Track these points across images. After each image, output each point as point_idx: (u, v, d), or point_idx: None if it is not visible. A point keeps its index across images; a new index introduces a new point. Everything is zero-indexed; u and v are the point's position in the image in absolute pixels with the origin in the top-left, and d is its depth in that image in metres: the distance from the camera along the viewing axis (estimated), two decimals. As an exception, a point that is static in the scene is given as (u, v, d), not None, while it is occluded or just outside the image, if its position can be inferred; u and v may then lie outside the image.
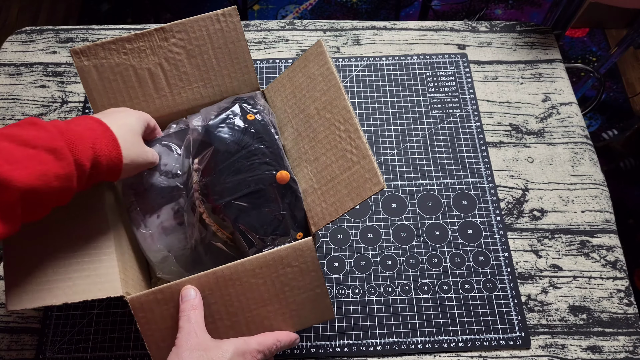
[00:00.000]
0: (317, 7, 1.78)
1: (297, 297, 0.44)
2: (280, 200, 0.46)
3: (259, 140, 0.47)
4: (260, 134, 0.47)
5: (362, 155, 0.43)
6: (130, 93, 0.51)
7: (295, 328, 0.46)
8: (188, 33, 0.51)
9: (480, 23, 0.77)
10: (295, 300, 0.44)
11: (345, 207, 0.43)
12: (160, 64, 0.51)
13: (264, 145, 0.47)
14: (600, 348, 0.54)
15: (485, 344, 0.54)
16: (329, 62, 0.48)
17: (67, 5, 1.80)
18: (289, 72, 0.52)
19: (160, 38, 0.50)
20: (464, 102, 0.70)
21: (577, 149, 0.66)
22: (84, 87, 0.50)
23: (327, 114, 0.47)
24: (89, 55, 0.49)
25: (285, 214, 0.46)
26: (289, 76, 0.52)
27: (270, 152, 0.47)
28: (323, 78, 0.48)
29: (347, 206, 0.43)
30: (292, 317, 0.45)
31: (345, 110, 0.45)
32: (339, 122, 0.45)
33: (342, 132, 0.45)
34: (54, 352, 0.54)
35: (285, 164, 0.47)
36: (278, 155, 0.47)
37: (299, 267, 0.44)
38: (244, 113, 0.48)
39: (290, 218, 0.46)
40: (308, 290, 0.44)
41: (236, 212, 0.45)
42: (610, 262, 0.59)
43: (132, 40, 0.50)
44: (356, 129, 0.44)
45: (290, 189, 0.46)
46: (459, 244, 0.60)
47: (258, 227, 0.45)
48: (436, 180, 0.64)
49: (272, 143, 0.47)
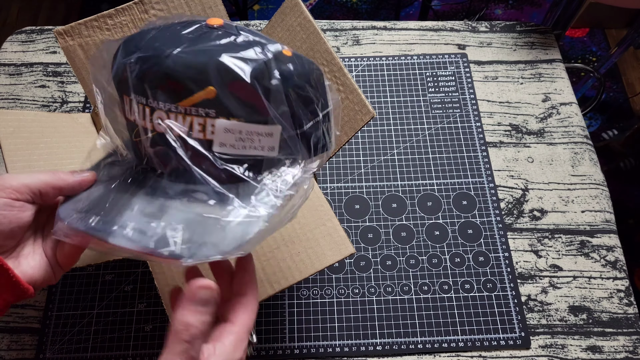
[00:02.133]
0: (317, 7, 1.78)
1: (309, 234, 0.44)
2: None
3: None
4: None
5: (349, 90, 0.46)
6: None
7: (315, 269, 0.45)
8: (167, 3, 0.52)
9: (480, 23, 0.77)
10: (307, 237, 0.44)
11: (340, 142, 0.46)
12: None
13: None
14: (600, 348, 0.54)
15: (485, 344, 0.54)
16: (305, 11, 0.50)
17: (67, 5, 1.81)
18: (268, 29, 0.54)
19: (140, 11, 0.51)
20: (464, 102, 0.70)
21: (577, 149, 0.66)
22: (72, 67, 0.51)
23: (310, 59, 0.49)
24: (72, 35, 0.50)
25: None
26: (268, 32, 0.54)
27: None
28: (301, 28, 0.50)
29: (342, 140, 0.45)
30: (310, 257, 0.45)
31: (327, 52, 0.48)
32: (323, 65, 0.48)
33: (327, 72, 0.48)
34: (54, 352, 0.54)
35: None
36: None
37: (305, 205, 0.43)
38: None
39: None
40: (319, 225, 0.45)
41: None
42: (610, 262, 0.59)
43: (113, 15, 0.51)
44: (340, 67, 0.47)
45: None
46: (459, 244, 0.60)
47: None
48: (436, 180, 0.64)
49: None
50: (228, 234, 0.33)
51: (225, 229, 0.33)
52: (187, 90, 0.32)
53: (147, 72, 0.32)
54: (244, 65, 0.33)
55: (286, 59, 0.35)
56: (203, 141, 0.33)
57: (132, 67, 0.33)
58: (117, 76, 0.35)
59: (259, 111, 0.34)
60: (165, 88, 0.32)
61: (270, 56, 0.34)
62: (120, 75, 0.34)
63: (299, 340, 0.55)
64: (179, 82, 0.32)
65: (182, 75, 0.32)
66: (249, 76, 0.32)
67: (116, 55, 0.36)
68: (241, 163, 0.35)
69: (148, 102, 0.33)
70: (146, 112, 0.33)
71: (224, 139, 0.34)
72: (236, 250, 0.32)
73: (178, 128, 0.33)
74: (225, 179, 0.35)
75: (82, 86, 0.52)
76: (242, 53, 0.33)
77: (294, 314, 0.56)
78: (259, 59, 0.33)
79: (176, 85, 0.32)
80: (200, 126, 0.33)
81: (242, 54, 0.33)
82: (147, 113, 0.33)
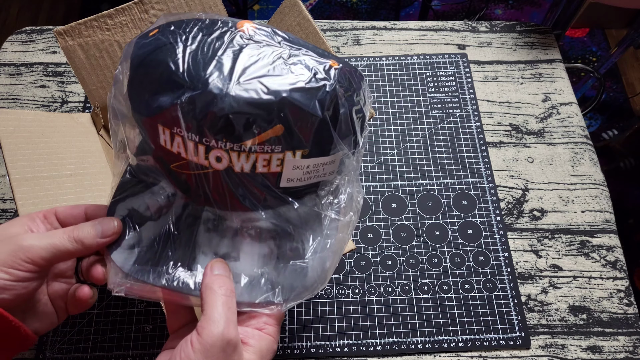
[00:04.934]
0: (317, 7, 1.78)
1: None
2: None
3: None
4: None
5: None
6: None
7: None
8: (166, 3, 0.52)
9: (480, 23, 0.77)
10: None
11: None
12: None
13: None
14: (600, 348, 0.54)
15: (485, 344, 0.54)
16: (304, 11, 0.49)
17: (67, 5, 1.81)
18: None
19: (140, 11, 0.51)
20: (464, 102, 0.70)
21: (577, 149, 0.66)
22: (72, 66, 0.51)
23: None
24: (72, 35, 0.50)
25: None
26: None
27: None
28: (301, 27, 0.50)
29: None
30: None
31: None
32: None
33: None
34: (54, 352, 0.54)
35: None
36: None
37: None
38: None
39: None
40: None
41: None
42: (610, 262, 0.59)
43: (113, 15, 0.51)
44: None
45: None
46: (459, 244, 0.60)
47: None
48: (436, 180, 0.64)
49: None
50: (310, 273, 0.34)
51: (308, 269, 0.34)
52: (252, 131, 0.30)
53: (206, 115, 0.29)
54: (311, 98, 0.30)
55: (341, 75, 0.33)
56: (267, 175, 0.32)
57: (185, 107, 0.29)
58: (153, 109, 0.31)
59: (327, 141, 0.33)
60: (227, 129, 0.29)
61: (332, 81, 0.32)
62: (161, 109, 0.31)
63: (299, 340, 0.55)
64: (243, 124, 0.29)
65: (246, 117, 0.29)
66: (319, 110, 0.31)
67: (135, 75, 0.32)
68: (303, 192, 0.34)
69: (204, 141, 0.30)
70: (199, 149, 0.30)
71: (291, 174, 0.32)
72: (320, 284, 0.34)
73: (240, 167, 0.31)
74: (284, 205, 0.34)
75: (82, 86, 0.52)
76: (302, 80, 0.31)
77: (294, 314, 0.56)
78: (322, 87, 0.31)
79: (239, 127, 0.29)
80: (265, 161, 0.31)
81: (304, 82, 0.31)
82: (201, 150, 0.30)
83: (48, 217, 0.34)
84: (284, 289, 0.33)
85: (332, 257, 0.35)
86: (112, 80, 0.51)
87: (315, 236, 0.35)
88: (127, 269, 0.32)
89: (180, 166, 0.32)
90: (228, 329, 0.29)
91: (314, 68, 0.32)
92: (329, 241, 0.35)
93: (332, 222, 0.35)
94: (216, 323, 0.29)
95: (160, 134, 0.31)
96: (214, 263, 0.32)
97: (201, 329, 0.29)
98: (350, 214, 0.36)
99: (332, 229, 0.35)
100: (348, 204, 0.36)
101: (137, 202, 0.35)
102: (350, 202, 0.36)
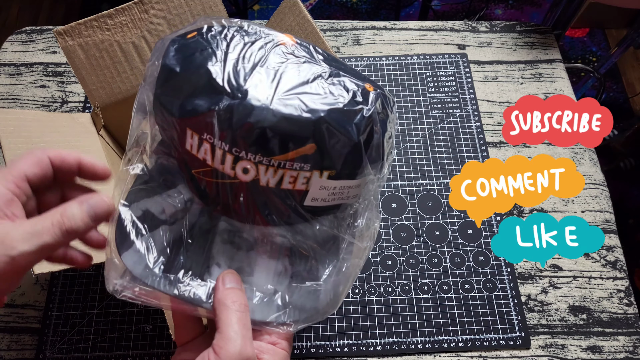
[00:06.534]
0: (317, 7, 1.78)
1: None
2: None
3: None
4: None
5: None
6: (117, 68, 0.52)
7: None
8: (166, 3, 0.52)
9: (480, 23, 0.77)
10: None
11: None
12: (144, 37, 0.52)
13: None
14: (600, 348, 0.54)
15: (485, 344, 0.54)
16: (304, 11, 0.50)
17: (67, 5, 1.80)
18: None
19: (140, 10, 0.51)
20: (464, 102, 0.70)
21: (577, 149, 0.66)
22: (72, 66, 0.51)
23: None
24: (72, 35, 0.50)
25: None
26: None
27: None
28: (300, 27, 0.50)
29: None
30: None
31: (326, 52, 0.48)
32: None
33: None
34: (54, 352, 0.54)
35: None
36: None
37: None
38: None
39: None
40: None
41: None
42: (610, 262, 0.59)
43: (112, 15, 0.51)
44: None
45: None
46: (459, 244, 0.60)
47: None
48: (436, 180, 0.64)
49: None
50: (323, 296, 0.33)
51: (321, 292, 0.33)
52: (285, 146, 0.29)
53: (242, 125, 0.29)
54: (348, 121, 0.30)
55: (375, 98, 0.32)
56: (293, 192, 0.31)
57: (222, 115, 0.29)
58: (187, 112, 0.30)
59: (356, 165, 0.32)
60: (260, 142, 0.29)
61: (369, 106, 0.31)
62: (196, 113, 0.30)
63: (299, 340, 0.55)
64: (278, 138, 0.29)
65: (282, 132, 0.29)
66: (355, 134, 0.30)
67: (171, 74, 0.31)
68: (324, 212, 0.34)
69: (234, 151, 0.29)
70: (227, 158, 0.30)
71: (317, 194, 0.32)
72: (331, 308, 0.33)
73: (266, 181, 0.30)
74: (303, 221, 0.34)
75: (82, 86, 0.52)
76: (341, 101, 0.30)
77: (294, 314, 0.56)
78: (360, 111, 0.31)
79: (274, 141, 0.29)
80: (292, 178, 0.30)
81: (343, 103, 0.30)
82: (229, 160, 0.30)
83: (21, 185, 0.30)
84: (296, 310, 0.32)
85: (346, 282, 0.34)
86: (112, 81, 0.51)
87: (331, 259, 0.35)
88: (137, 273, 0.30)
89: (203, 173, 0.31)
90: (245, 347, 0.28)
91: (352, 90, 0.31)
92: (345, 265, 0.34)
93: (348, 245, 0.35)
94: (233, 342, 0.28)
95: (187, 137, 0.30)
96: (226, 275, 0.31)
97: (218, 348, 0.28)
98: (367, 240, 0.35)
99: (347, 253, 0.35)
100: (365, 229, 0.35)
101: (152, 203, 0.33)
102: (368, 228, 0.36)
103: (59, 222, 0.28)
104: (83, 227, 0.29)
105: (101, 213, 0.30)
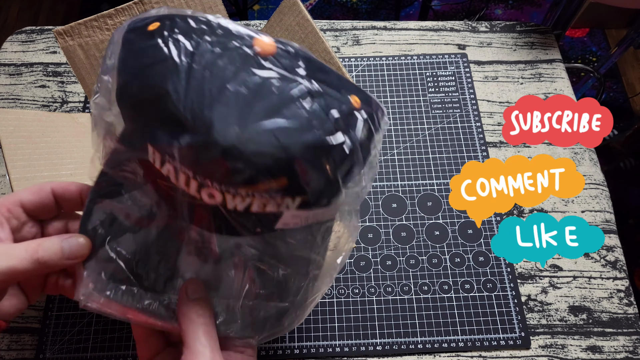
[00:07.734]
0: (317, 7, 1.78)
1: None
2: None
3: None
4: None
5: None
6: None
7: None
8: (166, 2, 0.52)
9: (480, 23, 0.77)
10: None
11: None
12: None
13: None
14: (600, 348, 0.54)
15: (485, 344, 0.54)
16: (303, 11, 0.50)
17: (67, 5, 1.81)
18: (267, 29, 0.54)
19: (140, 11, 0.51)
20: (464, 102, 0.70)
21: (577, 149, 0.66)
22: (72, 67, 0.50)
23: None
24: (72, 35, 0.50)
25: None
26: (266, 32, 0.53)
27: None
28: (300, 27, 0.50)
29: None
30: None
31: (326, 52, 0.48)
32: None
33: None
34: (54, 352, 0.54)
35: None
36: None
37: None
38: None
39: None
40: None
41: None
42: (610, 262, 0.59)
43: (113, 15, 0.51)
44: (339, 67, 0.47)
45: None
46: (459, 244, 0.60)
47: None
48: (436, 180, 0.64)
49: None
50: (288, 314, 0.32)
51: (287, 309, 0.32)
52: (254, 179, 0.26)
53: (207, 161, 0.26)
54: (326, 158, 0.27)
55: (363, 125, 0.29)
56: (261, 215, 0.28)
57: (184, 150, 0.26)
58: (145, 137, 0.27)
59: (333, 194, 0.29)
60: (226, 177, 0.26)
61: (349, 140, 0.28)
62: (155, 141, 0.27)
63: (299, 340, 0.55)
64: (247, 174, 0.26)
65: (252, 169, 0.26)
66: (331, 173, 0.28)
67: (126, 87, 0.28)
68: (298, 230, 0.31)
69: (198, 178, 0.27)
70: (191, 184, 0.27)
71: (288, 220, 0.29)
72: (297, 322, 0.33)
73: (234, 206, 0.27)
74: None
75: (82, 86, 0.52)
76: (318, 133, 0.27)
77: (294, 314, 0.56)
78: (339, 146, 0.28)
79: (242, 176, 0.26)
80: (262, 204, 0.28)
81: (320, 136, 0.27)
82: (194, 185, 0.27)
83: (13, 210, 0.30)
84: (259, 325, 0.32)
85: (312, 299, 0.33)
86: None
87: (299, 278, 0.33)
88: (100, 285, 0.29)
89: (167, 186, 0.28)
90: (214, 359, 0.28)
91: (333, 118, 0.28)
92: (314, 284, 0.33)
93: (318, 262, 0.33)
94: (202, 355, 0.28)
95: (150, 152, 0.27)
96: (189, 285, 0.30)
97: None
98: (339, 257, 0.34)
99: (317, 269, 0.33)
100: (339, 245, 0.34)
101: (116, 206, 0.31)
102: (343, 244, 0.34)
103: (33, 250, 0.28)
104: (55, 261, 0.29)
105: (74, 253, 0.29)
